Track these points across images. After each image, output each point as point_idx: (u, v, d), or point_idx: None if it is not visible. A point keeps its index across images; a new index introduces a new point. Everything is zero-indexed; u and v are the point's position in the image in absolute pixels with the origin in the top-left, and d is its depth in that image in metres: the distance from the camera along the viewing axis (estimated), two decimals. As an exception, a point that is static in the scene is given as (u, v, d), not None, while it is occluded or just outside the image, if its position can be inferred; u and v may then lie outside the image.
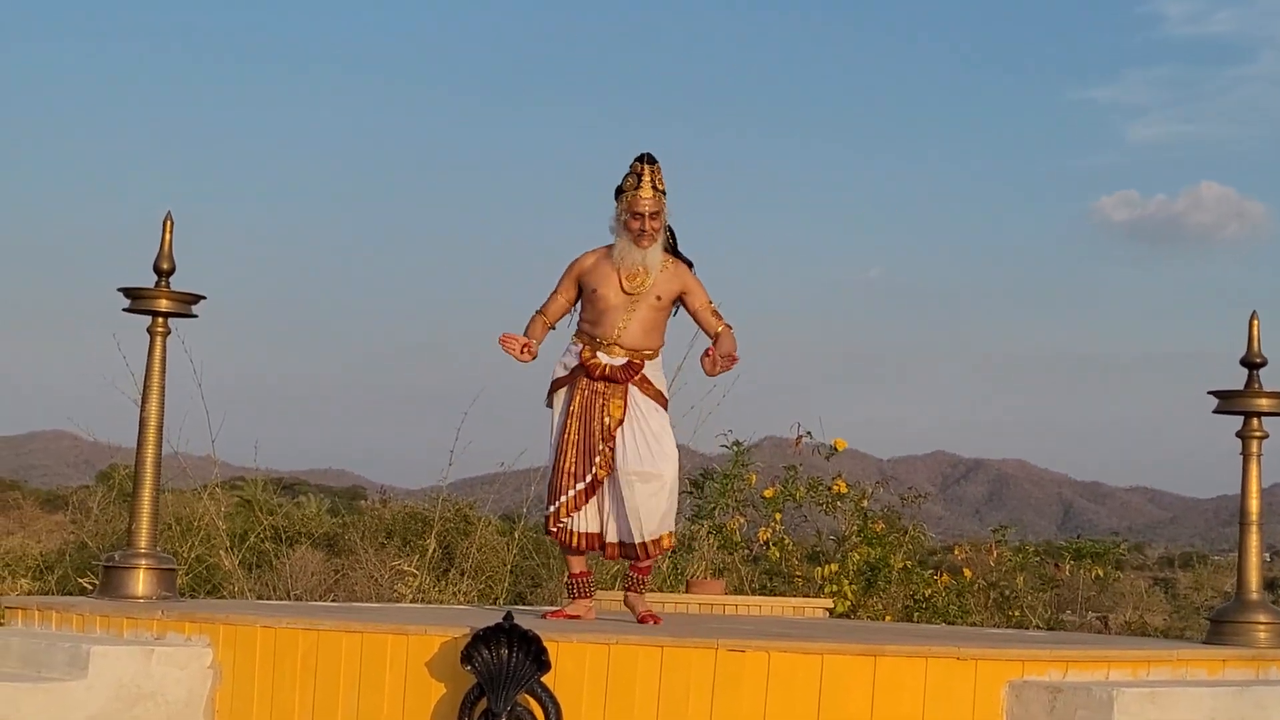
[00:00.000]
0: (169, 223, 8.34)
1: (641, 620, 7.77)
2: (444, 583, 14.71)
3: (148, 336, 8.32)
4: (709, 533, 13.21)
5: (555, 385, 7.91)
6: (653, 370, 7.85)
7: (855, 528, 12.98)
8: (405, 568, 14.90)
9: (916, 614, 12.67)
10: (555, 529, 7.79)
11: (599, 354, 7.76)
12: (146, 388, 8.30)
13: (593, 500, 7.76)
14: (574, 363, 7.84)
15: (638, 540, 7.73)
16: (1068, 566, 13.99)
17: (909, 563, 12.88)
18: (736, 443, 13.26)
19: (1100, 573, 13.88)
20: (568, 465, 7.75)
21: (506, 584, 14.95)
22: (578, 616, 7.78)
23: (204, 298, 8.37)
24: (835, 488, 13.11)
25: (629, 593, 8.01)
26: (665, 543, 7.85)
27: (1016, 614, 13.45)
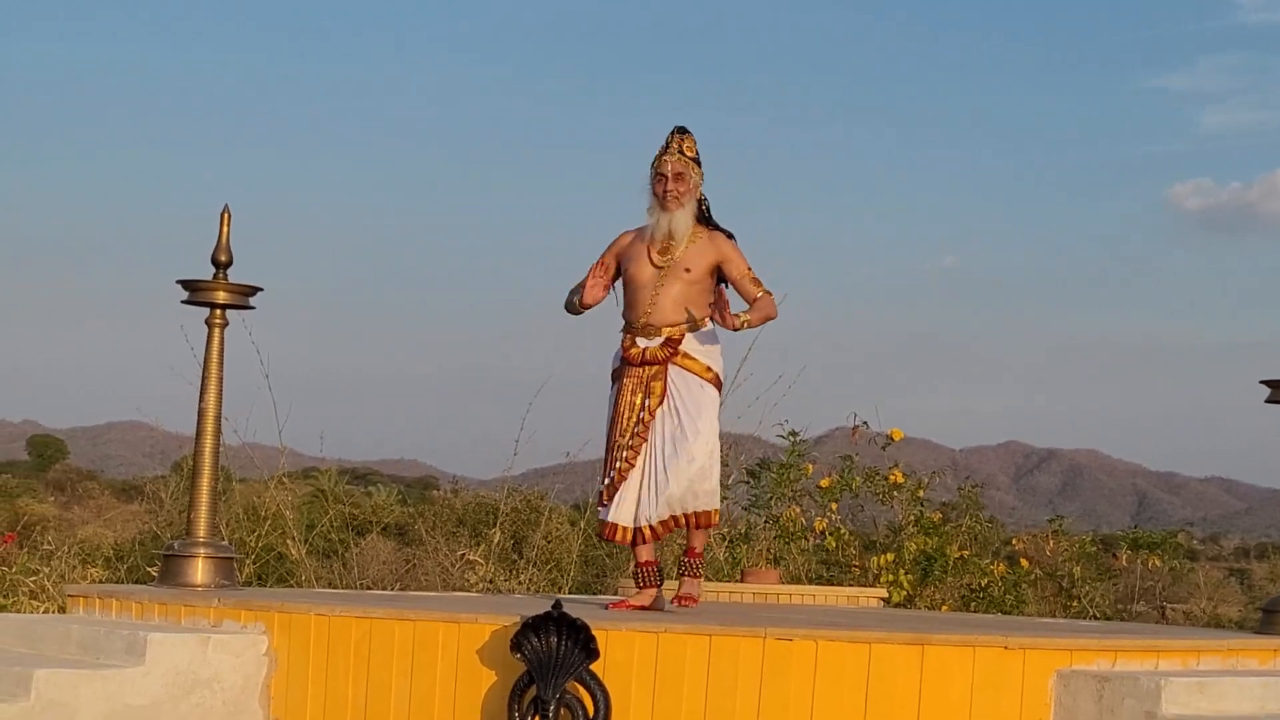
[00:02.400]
0: (226, 215, 8.43)
1: (674, 600, 7.70)
2: (513, 573, 14.76)
3: (205, 328, 8.43)
4: (766, 522, 13.19)
5: (613, 376, 7.86)
6: (695, 344, 7.69)
7: (912, 517, 12.95)
8: (472, 557, 14.97)
9: (973, 604, 12.62)
10: (604, 527, 7.73)
11: (637, 340, 7.70)
12: (205, 379, 8.41)
13: (632, 489, 7.62)
14: (620, 354, 7.80)
15: (666, 514, 7.58)
16: (1125, 556, 13.89)
17: (965, 553, 12.83)
18: (792, 433, 13.23)
19: (1157, 562, 13.77)
20: (615, 453, 7.69)
21: (572, 574, 14.99)
22: (643, 606, 7.63)
23: (261, 289, 8.47)
24: (891, 478, 13.08)
25: (681, 576, 7.91)
26: (705, 520, 7.68)
27: (1076, 605, 13.37)
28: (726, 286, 7.83)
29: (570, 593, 14.01)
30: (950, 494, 14.48)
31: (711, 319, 7.79)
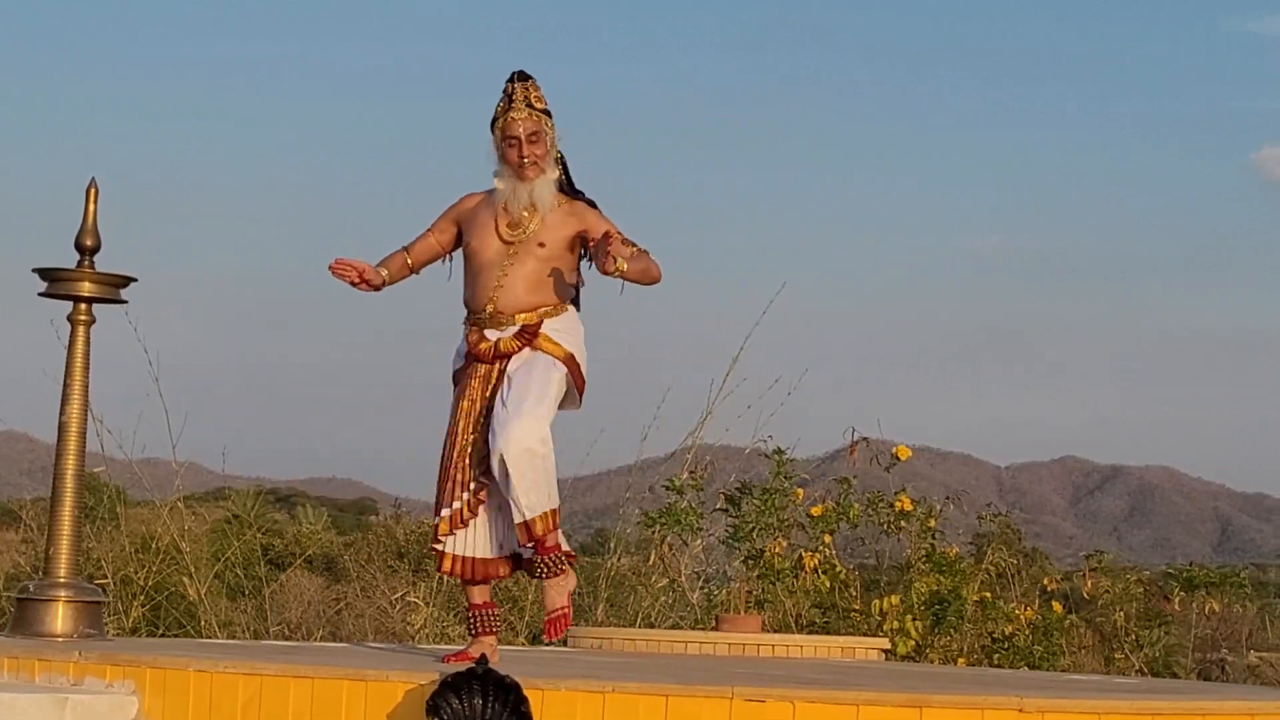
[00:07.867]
0: (93, 191, 8.38)
1: (547, 623, 7.58)
2: (461, 615, 14.73)
3: (68, 326, 8.40)
4: (747, 559, 13.13)
5: (454, 379, 7.69)
6: (556, 327, 7.53)
7: (922, 552, 12.91)
8: (411, 596, 14.95)
9: (996, 657, 12.60)
10: (435, 548, 7.60)
11: (486, 332, 7.52)
12: (66, 387, 8.38)
13: (479, 516, 7.53)
14: (465, 350, 7.63)
15: (518, 519, 7.41)
16: (1177, 599, 13.91)
17: (987, 595, 12.80)
18: (778, 450, 13.18)
19: (1216, 606, 13.78)
20: (455, 473, 7.51)
21: (531, 617, 14.97)
22: (482, 656, 7.31)
23: (135, 279, 8.42)
24: (897, 504, 13.04)
25: (545, 581, 7.61)
26: (548, 522, 7.48)
27: (1122, 658, 13.37)
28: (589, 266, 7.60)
29: (531, 640, 13.98)
30: (986, 522, 14.42)
31: (574, 302, 7.66)
